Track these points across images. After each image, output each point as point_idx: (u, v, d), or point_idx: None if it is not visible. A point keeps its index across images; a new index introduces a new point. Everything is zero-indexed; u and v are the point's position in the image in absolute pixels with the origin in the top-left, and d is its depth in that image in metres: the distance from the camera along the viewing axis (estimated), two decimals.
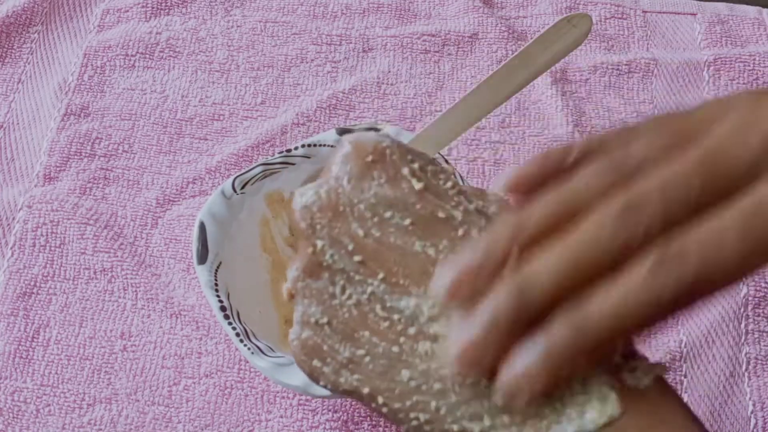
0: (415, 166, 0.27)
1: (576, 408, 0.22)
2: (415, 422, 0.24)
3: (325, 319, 0.26)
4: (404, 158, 0.27)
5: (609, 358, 0.23)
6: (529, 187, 0.24)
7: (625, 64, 0.54)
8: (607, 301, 0.21)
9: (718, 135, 0.22)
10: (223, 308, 0.38)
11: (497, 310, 0.21)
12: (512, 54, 0.45)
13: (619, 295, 0.21)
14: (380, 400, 0.25)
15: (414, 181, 0.26)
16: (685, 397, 0.42)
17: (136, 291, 0.45)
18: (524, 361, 0.21)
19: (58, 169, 0.49)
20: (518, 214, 0.23)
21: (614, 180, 0.22)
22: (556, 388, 0.22)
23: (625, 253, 0.21)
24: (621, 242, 0.21)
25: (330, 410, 0.41)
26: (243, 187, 0.42)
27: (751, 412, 0.42)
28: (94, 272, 0.45)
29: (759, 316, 0.44)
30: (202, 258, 0.40)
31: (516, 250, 0.22)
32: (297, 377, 0.36)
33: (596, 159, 0.23)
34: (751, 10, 0.57)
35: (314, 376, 0.26)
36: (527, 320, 0.21)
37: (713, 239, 0.21)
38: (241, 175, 0.42)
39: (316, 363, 0.26)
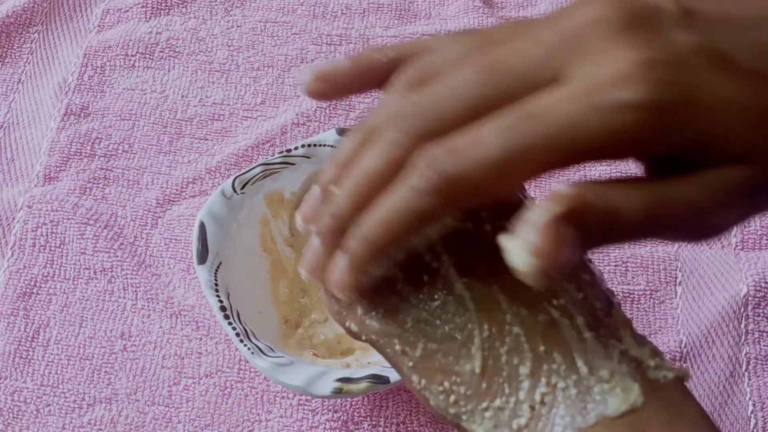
0: None
1: (599, 395, 0.23)
2: (440, 388, 0.24)
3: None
4: None
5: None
6: (336, 90, 0.26)
7: None
8: (373, 215, 0.22)
9: (512, 44, 0.22)
10: (223, 308, 0.38)
11: (321, 232, 0.24)
12: None
13: (381, 208, 0.22)
14: (406, 350, 0.25)
15: None
16: None
17: (136, 291, 0.45)
18: (335, 273, 0.24)
19: (58, 169, 0.49)
20: (339, 149, 0.25)
21: (411, 83, 0.23)
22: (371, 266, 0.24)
23: (395, 167, 0.22)
24: (390, 156, 0.22)
25: (330, 410, 0.41)
26: (243, 187, 0.42)
27: (751, 412, 0.42)
28: (94, 272, 0.45)
29: (759, 315, 0.44)
30: (202, 258, 0.40)
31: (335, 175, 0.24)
32: (297, 377, 0.36)
33: (405, 65, 0.24)
34: None
35: (340, 321, 0.27)
36: (341, 233, 0.24)
37: (471, 142, 0.21)
38: (241, 175, 0.42)
39: (343, 309, 0.27)
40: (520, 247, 0.20)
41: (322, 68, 0.26)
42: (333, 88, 0.26)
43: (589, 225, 0.20)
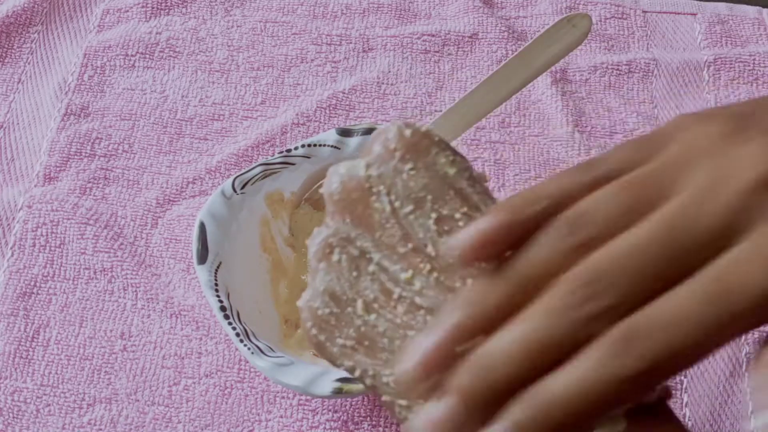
0: (453, 158, 0.27)
1: None
2: (417, 408, 0.24)
3: (341, 293, 0.26)
4: (443, 148, 0.27)
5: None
6: (489, 253, 0.23)
7: (625, 64, 0.54)
8: (568, 382, 0.20)
9: (679, 200, 0.21)
10: (223, 308, 0.38)
11: (461, 390, 0.21)
12: (512, 54, 0.45)
13: (579, 376, 0.20)
14: (385, 380, 0.25)
15: (449, 170, 0.26)
16: (685, 397, 0.42)
17: (136, 291, 0.45)
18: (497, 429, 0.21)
19: (58, 169, 0.49)
20: (476, 293, 0.22)
21: (572, 253, 0.21)
22: None
23: (584, 336, 0.20)
24: (578, 325, 0.21)
25: (330, 410, 0.41)
26: (243, 187, 0.42)
27: (751, 412, 0.42)
28: (94, 272, 0.45)
29: None
30: (202, 258, 0.40)
31: (476, 333, 0.22)
32: (297, 377, 0.36)
33: (552, 226, 0.22)
34: (751, 10, 0.57)
35: (318, 348, 0.27)
36: (494, 397, 0.21)
37: (675, 316, 0.20)
38: (241, 175, 0.42)
39: (322, 337, 0.26)
40: None
41: (476, 236, 0.23)
42: (488, 253, 0.23)
43: None
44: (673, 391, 0.42)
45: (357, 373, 0.26)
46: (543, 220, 0.22)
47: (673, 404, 0.41)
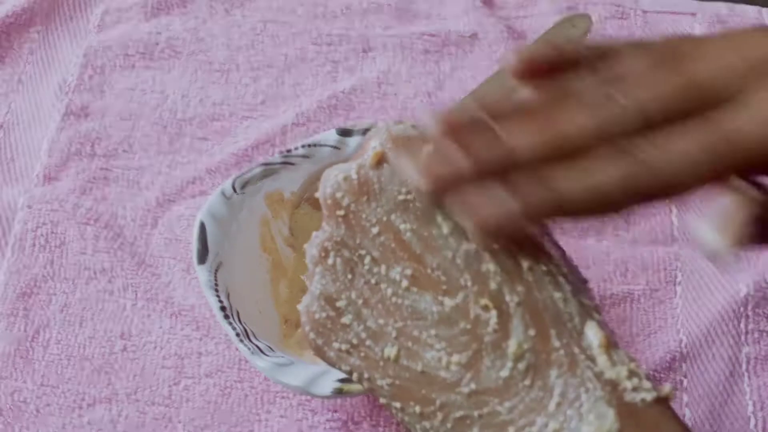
0: None
1: (573, 422, 0.22)
2: (410, 410, 0.25)
3: (336, 297, 0.26)
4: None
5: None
6: (533, 72, 0.26)
7: None
8: (581, 177, 0.24)
9: (703, 62, 0.25)
10: (223, 308, 0.38)
11: (483, 150, 0.24)
12: None
13: (594, 175, 0.23)
14: (380, 383, 0.25)
15: None
16: (685, 397, 0.42)
17: (136, 291, 0.45)
18: (502, 202, 0.24)
19: (58, 169, 0.49)
20: (508, 91, 0.26)
21: (603, 84, 0.25)
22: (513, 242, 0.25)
23: (599, 143, 0.24)
24: (597, 132, 0.24)
25: (330, 410, 0.41)
26: (243, 187, 0.42)
27: (751, 412, 0.42)
28: (94, 272, 0.45)
29: (759, 315, 0.44)
30: (202, 258, 0.40)
31: (502, 114, 0.25)
32: (297, 377, 0.36)
33: (586, 66, 0.26)
34: (751, 10, 0.57)
35: (318, 352, 0.27)
36: (503, 171, 0.24)
37: (680, 150, 0.23)
38: (241, 175, 0.42)
39: (320, 341, 0.27)
40: (719, 238, 0.25)
41: (530, 54, 0.27)
42: (532, 71, 0.27)
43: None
44: (674, 391, 0.42)
45: (354, 377, 0.26)
46: (585, 67, 0.26)
47: (673, 404, 0.41)
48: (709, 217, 0.25)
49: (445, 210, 0.25)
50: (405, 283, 0.25)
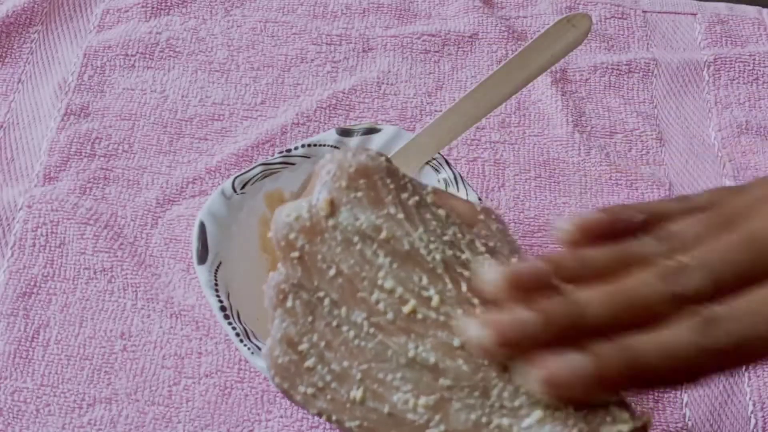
0: (404, 195, 0.26)
1: None
2: None
3: (298, 340, 0.25)
4: (387, 184, 0.26)
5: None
6: (588, 238, 0.26)
7: (625, 64, 0.54)
8: (657, 340, 0.23)
9: (760, 218, 0.24)
10: (223, 308, 0.38)
11: (552, 310, 0.23)
12: (512, 54, 0.45)
13: (668, 338, 0.23)
14: (348, 425, 0.25)
15: (393, 210, 0.26)
16: (685, 397, 0.42)
17: (136, 291, 0.45)
18: (574, 362, 0.22)
19: (58, 169, 0.49)
20: (580, 252, 0.25)
21: (666, 248, 0.25)
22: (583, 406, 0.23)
23: (669, 310, 0.23)
24: (661, 300, 0.23)
25: None
26: (243, 187, 0.42)
27: (751, 412, 0.42)
28: (94, 272, 0.45)
29: None
30: (202, 258, 0.40)
31: (569, 276, 0.24)
32: None
33: (653, 229, 0.25)
34: (751, 10, 0.57)
35: (286, 395, 0.26)
36: (573, 332, 0.23)
37: (758, 305, 0.23)
38: (241, 175, 0.42)
39: (286, 385, 0.26)
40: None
41: (583, 220, 0.26)
42: (586, 238, 0.26)
43: None
44: (674, 392, 0.42)
45: (324, 418, 0.26)
46: (640, 230, 0.26)
47: (673, 404, 0.41)
48: None
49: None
50: (366, 327, 0.25)
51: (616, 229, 0.26)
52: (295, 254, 0.26)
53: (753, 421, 0.42)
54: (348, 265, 0.25)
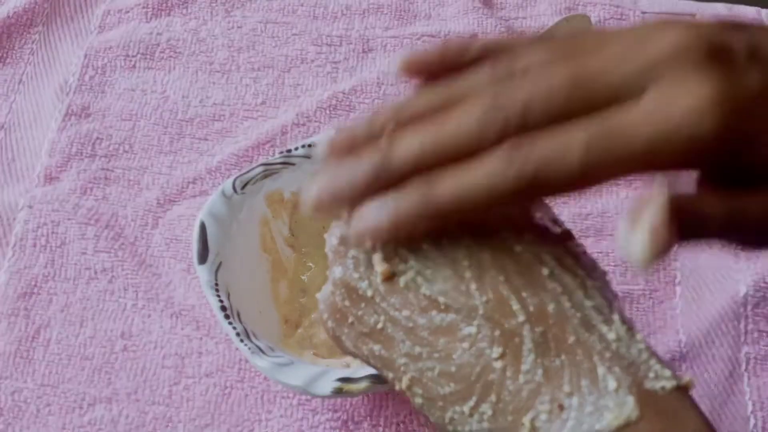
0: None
1: (593, 409, 0.22)
2: (434, 392, 0.24)
3: (355, 285, 0.26)
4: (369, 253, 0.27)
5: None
6: (423, 72, 0.27)
7: None
8: (453, 181, 0.23)
9: (599, 55, 0.24)
10: (223, 308, 0.38)
11: (359, 170, 0.24)
12: None
13: (463, 178, 0.23)
14: (401, 370, 0.25)
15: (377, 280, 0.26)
16: None
17: (136, 291, 0.45)
18: (373, 213, 0.24)
19: (59, 169, 0.49)
20: (404, 99, 0.26)
21: (495, 82, 0.24)
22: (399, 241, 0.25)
23: (481, 146, 0.23)
24: (476, 135, 0.23)
25: (330, 410, 0.41)
26: (243, 187, 0.42)
27: (751, 412, 0.42)
28: (95, 272, 0.45)
29: (758, 316, 0.44)
30: (203, 258, 0.40)
31: (391, 126, 0.25)
32: (297, 377, 0.36)
33: (488, 62, 0.25)
34: (750, 11, 0.57)
35: (335, 339, 0.27)
36: (384, 182, 0.24)
37: (559, 148, 0.23)
38: (241, 175, 0.42)
39: (338, 328, 0.27)
40: (641, 242, 0.23)
41: (413, 56, 0.27)
42: (421, 71, 0.27)
43: (684, 225, 0.23)
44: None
45: (373, 362, 0.26)
46: (482, 58, 0.26)
47: None
48: (628, 221, 0.23)
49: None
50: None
51: (451, 63, 0.26)
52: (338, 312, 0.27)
53: (752, 420, 0.42)
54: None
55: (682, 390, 0.23)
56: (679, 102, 0.22)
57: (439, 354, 0.24)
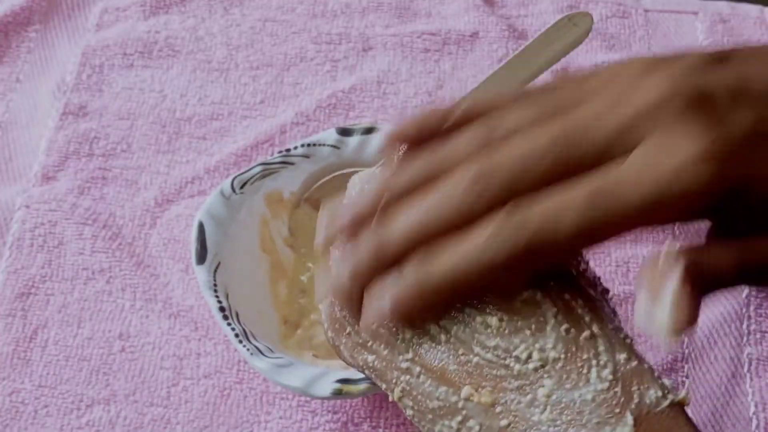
0: None
1: (590, 423, 0.22)
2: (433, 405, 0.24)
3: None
4: None
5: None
6: (408, 141, 0.27)
7: None
8: (447, 259, 0.23)
9: (582, 113, 0.24)
10: (222, 309, 0.38)
11: (359, 258, 0.25)
12: (513, 53, 0.45)
13: (458, 255, 0.23)
14: (393, 381, 0.25)
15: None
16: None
17: (134, 291, 0.45)
18: (374, 303, 0.24)
19: (56, 168, 0.49)
20: (390, 174, 0.26)
21: (480, 148, 0.24)
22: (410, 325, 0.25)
23: (473, 216, 0.23)
24: (467, 207, 0.23)
25: (329, 411, 0.41)
26: (242, 187, 0.42)
27: (753, 413, 0.42)
28: (93, 272, 0.45)
29: (761, 316, 0.44)
30: (201, 258, 0.39)
31: (382, 206, 0.25)
32: (296, 378, 0.36)
33: (472, 125, 0.25)
34: (753, 9, 0.57)
35: (334, 348, 0.27)
36: (384, 266, 0.24)
37: (553, 213, 0.22)
38: (240, 174, 0.42)
39: (336, 338, 0.27)
40: (666, 317, 0.23)
41: (392, 133, 0.27)
42: (406, 140, 0.27)
43: (701, 287, 0.23)
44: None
45: (367, 372, 0.26)
46: (466, 122, 0.25)
47: None
48: (647, 294, 0.23)
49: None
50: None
51: (436, 130, 0.26)
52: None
53: (755, 422, 0.41)
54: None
55: (677, 407, 0.23)
56: (666, 159, 0.22)
57: (429, 371, 0.25)
